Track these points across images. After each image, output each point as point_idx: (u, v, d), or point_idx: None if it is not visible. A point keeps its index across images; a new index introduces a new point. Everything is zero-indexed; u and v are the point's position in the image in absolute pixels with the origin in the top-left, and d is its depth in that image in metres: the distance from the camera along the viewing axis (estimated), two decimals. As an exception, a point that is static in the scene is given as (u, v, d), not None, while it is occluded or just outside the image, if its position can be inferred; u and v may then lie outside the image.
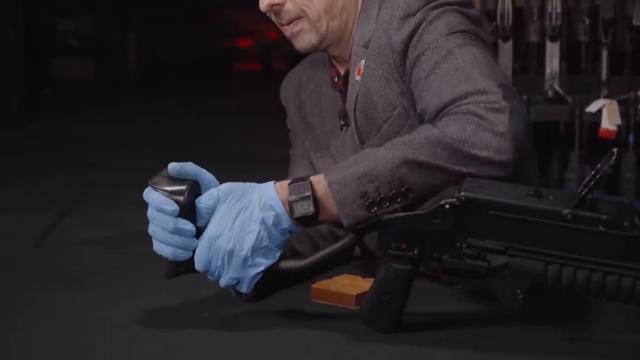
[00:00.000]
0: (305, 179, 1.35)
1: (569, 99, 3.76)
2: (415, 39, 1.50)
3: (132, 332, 1.35)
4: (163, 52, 13.42)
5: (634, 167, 3.76)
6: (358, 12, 1.63)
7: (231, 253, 1.33)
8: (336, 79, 1.69)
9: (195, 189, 1.35)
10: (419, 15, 1.50)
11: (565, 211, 1.23)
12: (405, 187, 1.31)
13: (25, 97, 8.84)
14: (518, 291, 1.26)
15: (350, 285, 1.48)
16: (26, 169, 6.73)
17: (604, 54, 3.74)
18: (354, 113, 1.61)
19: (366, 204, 1.31)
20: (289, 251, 1.55)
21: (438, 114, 1.39)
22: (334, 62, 1.69)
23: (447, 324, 1.36)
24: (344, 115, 1.65)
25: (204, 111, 9.54)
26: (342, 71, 1.68)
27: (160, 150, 6.88)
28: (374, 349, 1.28)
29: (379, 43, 1.55)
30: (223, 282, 1.36)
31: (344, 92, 1.67)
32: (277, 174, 1.41)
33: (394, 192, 1.31)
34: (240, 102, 10.32)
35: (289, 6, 1.59)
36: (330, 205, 1.34)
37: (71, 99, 10.50)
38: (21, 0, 8.86)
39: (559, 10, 3.74)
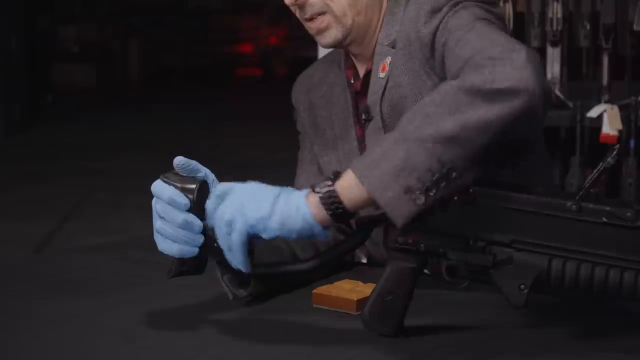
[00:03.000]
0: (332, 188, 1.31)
1: (570, 104, 3.76)
2: (441, 27, 1.50)
3: (133, 338, 1.35)
4: (164, 58, 13.44)
5: (634, 172, 3.75)
6: (383, 13, 1.63)
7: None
8: (352, 81, 1.68)
9: (205, 188, 1.37)
10: (445, 9, 1.51)
11: (570, 202, 1.26)
12: (447, 168, 1.26)
13: (27, 104, 8.85)
14: (522, 286, 1.27)
15: (351, 290, 1.47)
16: (27, 176, 6.73)
17: (605, 59, 3.74)
18: (380, 107, 1.60)
19: (413, 197, 1.26)
20: (290, 258, 1.55)
21: (459, 71, 1.37)
22: (355, 60, 1.68)
23: (447, 330, 1.36)
24: (365, 110, 1.63)
25: (205, 117, 9.55)
26: (361, 71, 1.67)
27: (162, 157, 6.87)
28: (374, 355, 1.28)
29: (408, 39, 1.56)
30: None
31: (359, 93, 1.65)
32: (278, 179, 1.41)
33: (437, 175, 1.26)
34: (241, 108, 10.33)
35: (313, 0, 1.58)
36: (351, 185, 1.29)
37: (73, 105, 10.51)
38: (23, 7, 8.88)
39: (559, 15, 3.74)
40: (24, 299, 1.53)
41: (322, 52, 4.18)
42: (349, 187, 1.30)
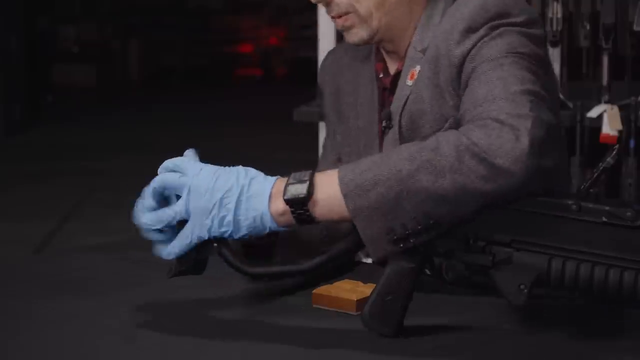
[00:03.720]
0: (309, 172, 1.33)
1: (570, 104, 3.76)
2: (473, 52, 1.47)
3: (133, 338, 1.35)
4: (164, 58, 13.45)
5: (634, 172, 3.76)
6: (419, 15, 1.59)
7: (207, 204, 1.32)
8: (381, 75, 1.65)
9: None
10: (481, 31, 1.47)
11: (570, 202, 1.26)
12: (433, 222, 1.28)
13: (27, 104, 8.85)
14: (522, 286, 1.27)
15: (351, 290, 1.47)
16: (27, 176, 6.74)
17: (605, 60, 3.74)
18: (400, 117, 1.58)
19: (394, 238, 1.29)
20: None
21: (465, 117, 1.39)
22: (385, 56, 1.66)
23: (447, 330, 1.36)
24: (387, 117, 1.61)
25: (205, 117, 9.55)
26: (392, 68, 1.64)
27: (162, 157, 6.87)
28: (374, 355, 1.28)
29: (437, 52, 1.53)
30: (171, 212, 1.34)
31: (388, 90, 1.63)
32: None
33: (420, 227, 1.28)
34: (241, 108, 10.33)
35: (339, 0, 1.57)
36: (328, 198, 1.31)
37: (73, 105, 10.51)
38: (23, 7, 8.88)
39: (559, 15, 3.74)
40: (24, 299, 1.53)
41: (322, 52, 4.18)
42: (328, 198, 1.31)
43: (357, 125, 1.68)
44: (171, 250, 1.35)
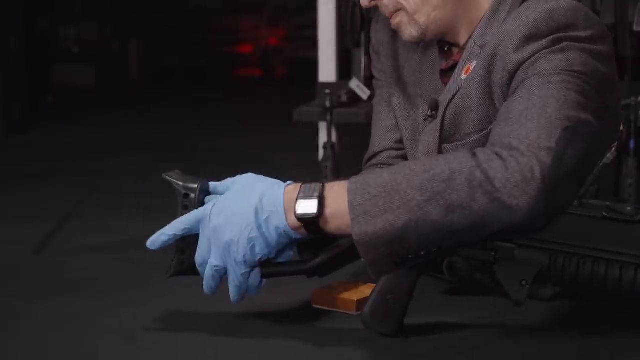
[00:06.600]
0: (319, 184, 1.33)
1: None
2: (529, 62, 1.42)
3: (133, 338, 1.35)
4: (164, 58, 13.44)
5: (634, 172, 3.76)
6: (482, 8, 1.55)
7: (229, 243, 1.32)
8: (446, 49, 1.61)
9: (206, 188, 1.39)
10: (543, 42, 1.41)
11: None
12: (437, 248, 1.29)
13: (27, 104, 8.85)
14: (523, 282, 1.28)
15: (351, 290, 1.48)
16: (27, 176, 6.73)
17: (605, 60, 3.74)
18: (445, 110, 1.54)
19: (396, 261, 1.29)
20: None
21: (495, 131, 1.36)
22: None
23: (448, 330, 1.36)
24: (434, 106, 1.57)
25: (204, 117, 9.55)
26: (457, 56, 1.59)
27: (162, 157, 6.88)
28: (374, 355, 1.28)
29: (494, 52, 1.48)
30: (209, 269, 1.35)
31: (443, 72, 1.60)
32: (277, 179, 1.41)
33: (423, 253, 1.29)
34: (241, 108, 10.33)
35: (386, 1, 1.55)
36: (337, 216, 1.31)
37: (73, 105, 10.51)
38: (23, 7, 8.88)
39: (559, 15, 3.74)
40: (24, 299, 1.53)
41: (322, 52, 4.18)
42: (337, 218, 1.31)
43: (417, 93, 1.64)
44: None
